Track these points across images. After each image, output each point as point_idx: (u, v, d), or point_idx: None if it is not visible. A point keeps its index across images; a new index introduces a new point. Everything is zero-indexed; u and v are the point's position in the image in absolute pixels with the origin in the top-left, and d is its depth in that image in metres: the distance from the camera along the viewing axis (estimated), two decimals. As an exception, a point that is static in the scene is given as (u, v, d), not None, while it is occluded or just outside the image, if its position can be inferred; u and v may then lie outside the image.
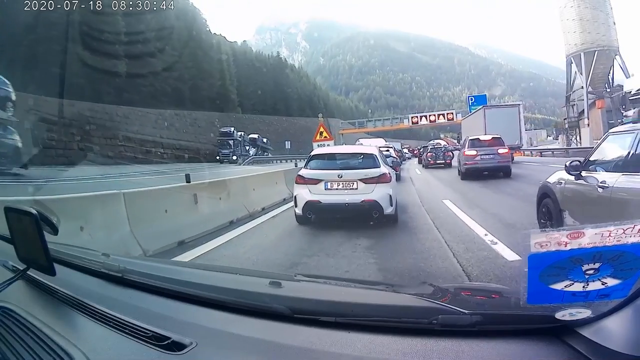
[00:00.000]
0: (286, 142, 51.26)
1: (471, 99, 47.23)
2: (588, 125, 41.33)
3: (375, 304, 1.34)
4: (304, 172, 7.35)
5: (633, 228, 0.84)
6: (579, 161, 4.80)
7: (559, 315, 0.95)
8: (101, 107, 36.59)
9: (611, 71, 45.49)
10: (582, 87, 44.14)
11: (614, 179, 4.01)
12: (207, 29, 66.71)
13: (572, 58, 50.67)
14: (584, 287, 0.88)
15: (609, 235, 0.85)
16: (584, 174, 4.63)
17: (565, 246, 0.86)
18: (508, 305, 1.30)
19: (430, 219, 7.68)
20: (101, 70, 34.64)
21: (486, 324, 1.10)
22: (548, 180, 5.60)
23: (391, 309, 1.27)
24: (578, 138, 44.18)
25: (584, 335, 0.94)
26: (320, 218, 7.24)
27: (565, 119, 49.30)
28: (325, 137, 15.83)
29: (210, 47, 62.06)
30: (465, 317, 1.10)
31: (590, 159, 4.75)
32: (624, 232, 0.84)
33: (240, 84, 70.35)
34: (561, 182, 5.12)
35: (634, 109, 4.61)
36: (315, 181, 7.13)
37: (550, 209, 5.34)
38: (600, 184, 4.15)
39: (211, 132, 55.99)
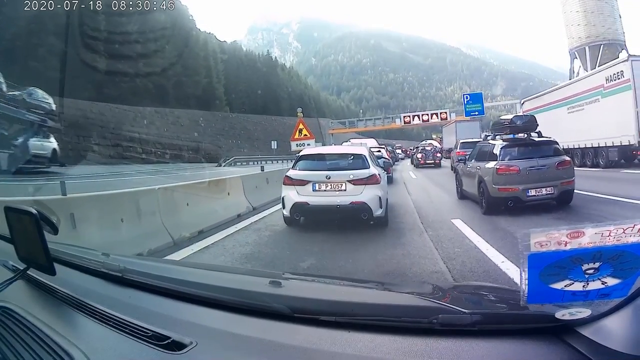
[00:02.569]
0: (272, 142, 48.42)
1: (466, 97, 46.57)
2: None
3: (375, 304, 1.34)
4: (292, 173, 7.32)
5: (633, 228, 0.84)
6: (466, 156, 10.77)
7: (559, 314, 0.95)
8: (73, 103, 34.86)
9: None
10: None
11: (471, 164, 9.58)
12: (195, 25, 65.78)
13: (575, 52, 48.99)
14: (584, 286, 0.89)
15: (609, 234, 0.85)
16: (466, 162, 10.07)
17: (565, 245, 0.86)
18: (508, 304, 1.30)
19: (440, 258, 5.13)
20: (79, 65, 32.96)
21: (486, 323, 1.10)
22: (457, 166, 11.61)
23: (391, 309, 1.27)
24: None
25: (584, 334, 0.95)
26: (308, 220, 7.29)
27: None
28: (305, 135, 14.93)
29: (197, 45, 60.80)
30: (466, 317, 1.11)
31: (470, 155, 10.44)
32: (624, 232, 0.84)
33: (229, 82, 69.55)
34: (460, 166, 10.82)
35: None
36: (303, 182, 7.08)
37: (458, 179, 10.83)
38: (468, 167, 9.72)
39: (195, 131, 54.94)
